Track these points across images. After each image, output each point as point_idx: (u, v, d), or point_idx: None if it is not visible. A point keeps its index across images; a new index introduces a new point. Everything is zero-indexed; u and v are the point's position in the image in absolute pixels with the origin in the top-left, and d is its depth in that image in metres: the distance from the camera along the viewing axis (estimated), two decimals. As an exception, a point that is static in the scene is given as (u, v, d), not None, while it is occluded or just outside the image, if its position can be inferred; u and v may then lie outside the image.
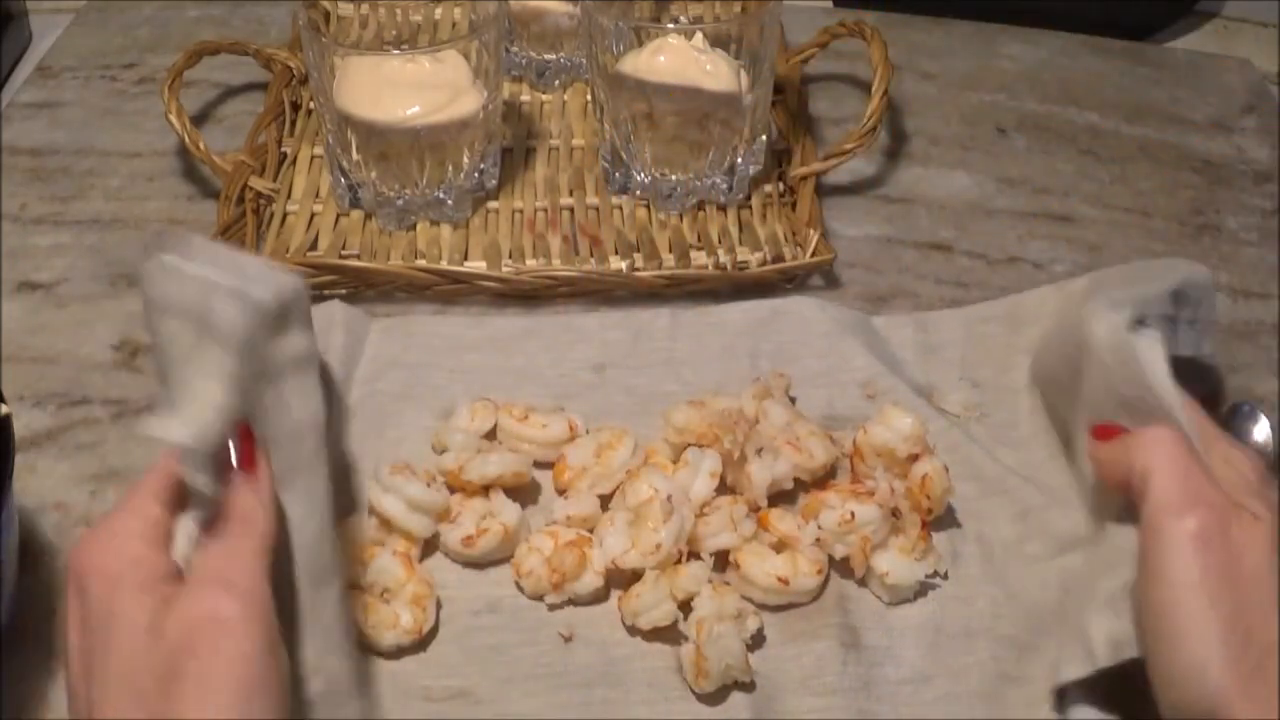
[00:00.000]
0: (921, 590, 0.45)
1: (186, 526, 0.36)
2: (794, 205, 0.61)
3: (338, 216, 0.60)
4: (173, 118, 0.58)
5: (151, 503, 0.36)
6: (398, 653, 0.43)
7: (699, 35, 0.56)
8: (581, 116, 0.67)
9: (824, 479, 0.48)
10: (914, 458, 0.46)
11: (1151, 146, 0.70)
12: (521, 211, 0.61)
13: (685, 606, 0.43)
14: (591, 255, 0.58)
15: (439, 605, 0.44)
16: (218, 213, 0.58)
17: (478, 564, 0.46)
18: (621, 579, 0.45)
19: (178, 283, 0.39)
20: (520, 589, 0.45)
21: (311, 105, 0.66)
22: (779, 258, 0.57)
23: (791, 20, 0.74)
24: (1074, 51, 0.77)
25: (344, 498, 0.47)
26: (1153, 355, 0.42)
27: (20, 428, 0.49)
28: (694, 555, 0.45)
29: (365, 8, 0.68)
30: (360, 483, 0.48)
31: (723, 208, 0.61)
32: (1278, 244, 0.63)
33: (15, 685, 0.42)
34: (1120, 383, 0.43)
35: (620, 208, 0.61)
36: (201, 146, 0.58)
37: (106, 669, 0.33)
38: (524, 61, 0.69)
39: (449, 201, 0.59)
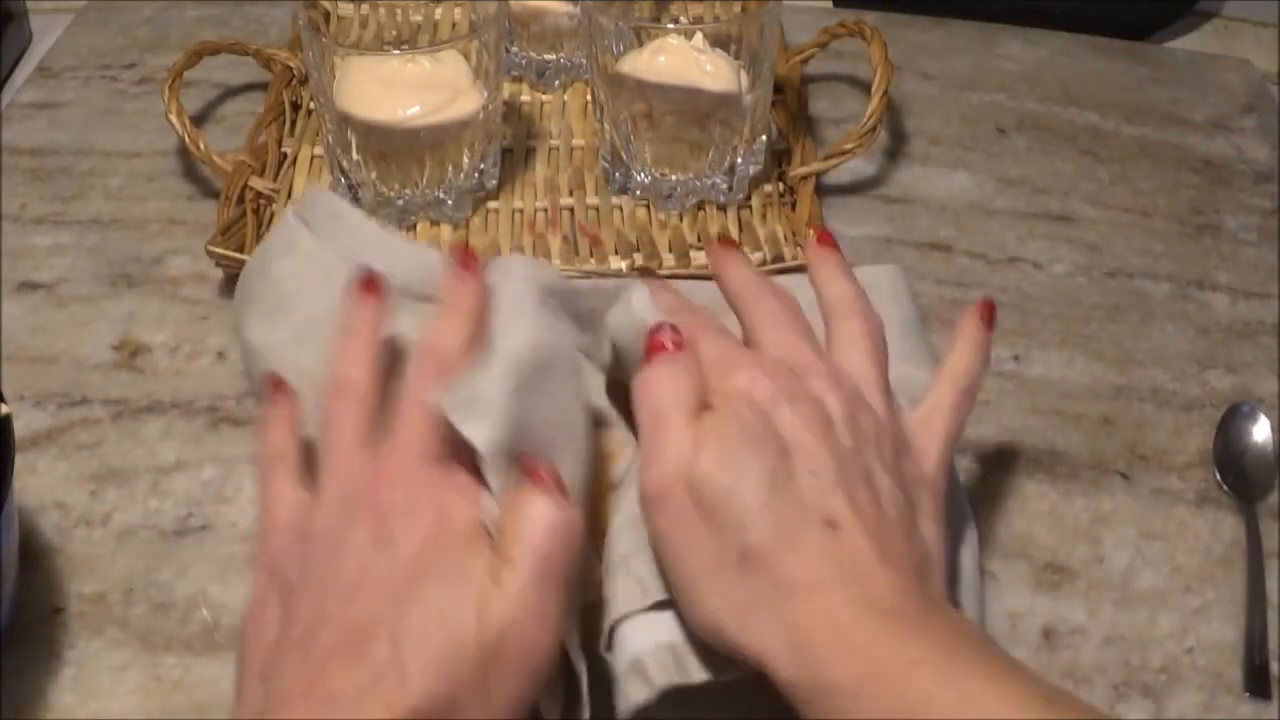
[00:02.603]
0: None
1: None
2: (794, 205, 0.61)
3: (338, 216, 0.60)
4: (173, 118, 0.58)
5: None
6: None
7: (699, 35, 0.56)
8: (581, 116, 0.67)
9: None
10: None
11: (1151, 146, 0.70)
12: (521, 211, 0.61)
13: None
14: (591, 255, 0.58)
15: None
16: (218, 213, 0.58)
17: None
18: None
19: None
20: None
21: (311, 105, 0.66)
22: (779, 258, 0.57)
23: (791, 20, 0.74)
24: (1074, 51, 0.77)
25: None
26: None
27: (20, 428, 0.49)
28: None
29: (365, 8, 0.68)
30: None
31: (723, 208, 0.61)
32: (1278, 244, 0.63)
33: (15, 685, 0.42)
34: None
35: (620, 208, 0.61)
36: (201, 146, 0.58)
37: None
38: (524, 61, 0.69)
39: (449, 201, 0.59)
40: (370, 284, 0.41)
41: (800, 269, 0.56)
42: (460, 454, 0.36)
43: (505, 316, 0.40)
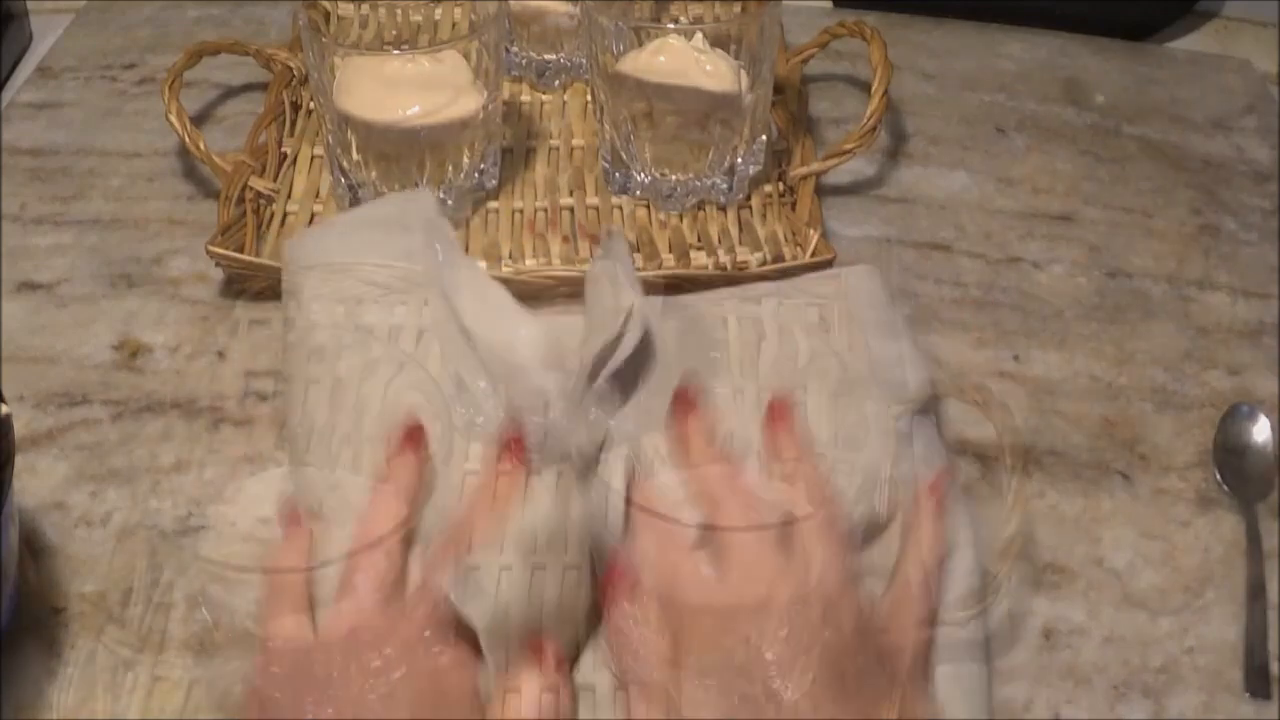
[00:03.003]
0: None
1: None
2: (794, 205, 0.61)
3: (338, 216, 0.60)
4: (173, 118, 0.58)
5: None
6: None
7: (699, 35, 0.56)
8: (581, 116, 0.67)
9: None
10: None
11: (1151, 146, 0.70)
12: (521, 211, 0.61)
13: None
14: (591, 255, 0.58)
15: None
16: (218, 213, 0.58)
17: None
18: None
19: None
20: None
21: (311, 105, 0.66)
22: (779, 258, 0.57)
23: (791, 20, 0.74)
24: (1074, 51, 0.77)
25: None
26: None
27: (20, 428, 0.49)
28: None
29: (365, 8, 0.69)
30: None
31: (723, 208, 0.61)
32: (1278, 244, 0.63)
33: (15, 685, 0.42)
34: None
35: (620, 208, 0.61)
36: (201, 146, 0.58)
37: None
38: (524, 61, 0.69)
39: (449, 201, 0.59)
40: (413, 436, 0.45)
41: (799, 269, 0.56)
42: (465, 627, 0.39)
43: (530, 493, 0.42)
